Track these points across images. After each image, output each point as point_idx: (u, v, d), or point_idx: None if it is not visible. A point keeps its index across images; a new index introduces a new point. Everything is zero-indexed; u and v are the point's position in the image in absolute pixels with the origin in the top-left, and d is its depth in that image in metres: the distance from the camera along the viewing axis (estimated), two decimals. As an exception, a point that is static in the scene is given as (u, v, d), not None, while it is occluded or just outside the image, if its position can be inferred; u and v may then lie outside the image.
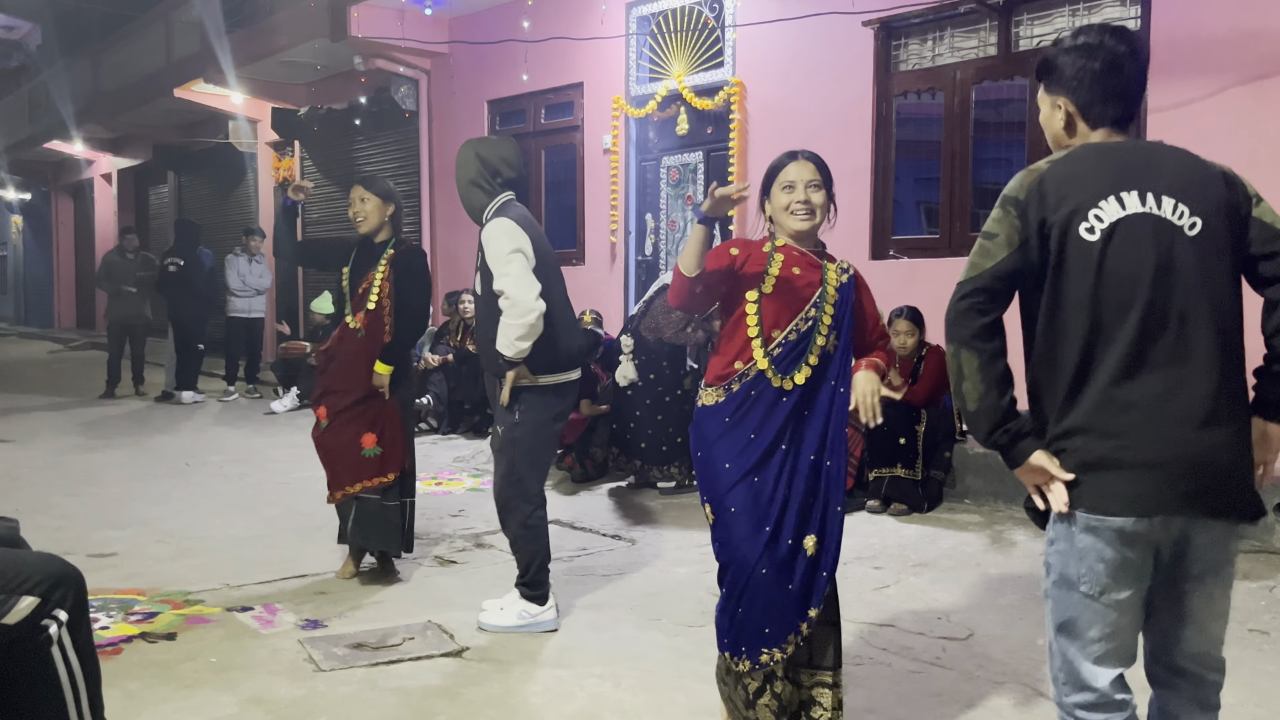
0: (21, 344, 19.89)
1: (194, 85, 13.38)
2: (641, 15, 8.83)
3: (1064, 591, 2.04)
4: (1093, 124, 2.12)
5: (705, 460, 2.85)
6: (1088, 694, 2.03)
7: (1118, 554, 1.97)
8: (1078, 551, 2.00)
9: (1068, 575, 2.03)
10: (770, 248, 2.91)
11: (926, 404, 5.87)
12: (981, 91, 6.97)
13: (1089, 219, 1.98)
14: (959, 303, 2.06)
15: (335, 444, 4.47)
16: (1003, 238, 2.03)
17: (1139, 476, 1.94)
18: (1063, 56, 2.13)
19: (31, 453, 7.81)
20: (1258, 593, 4.30)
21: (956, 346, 2.05)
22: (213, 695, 3.28)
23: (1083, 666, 2.03)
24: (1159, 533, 1.97)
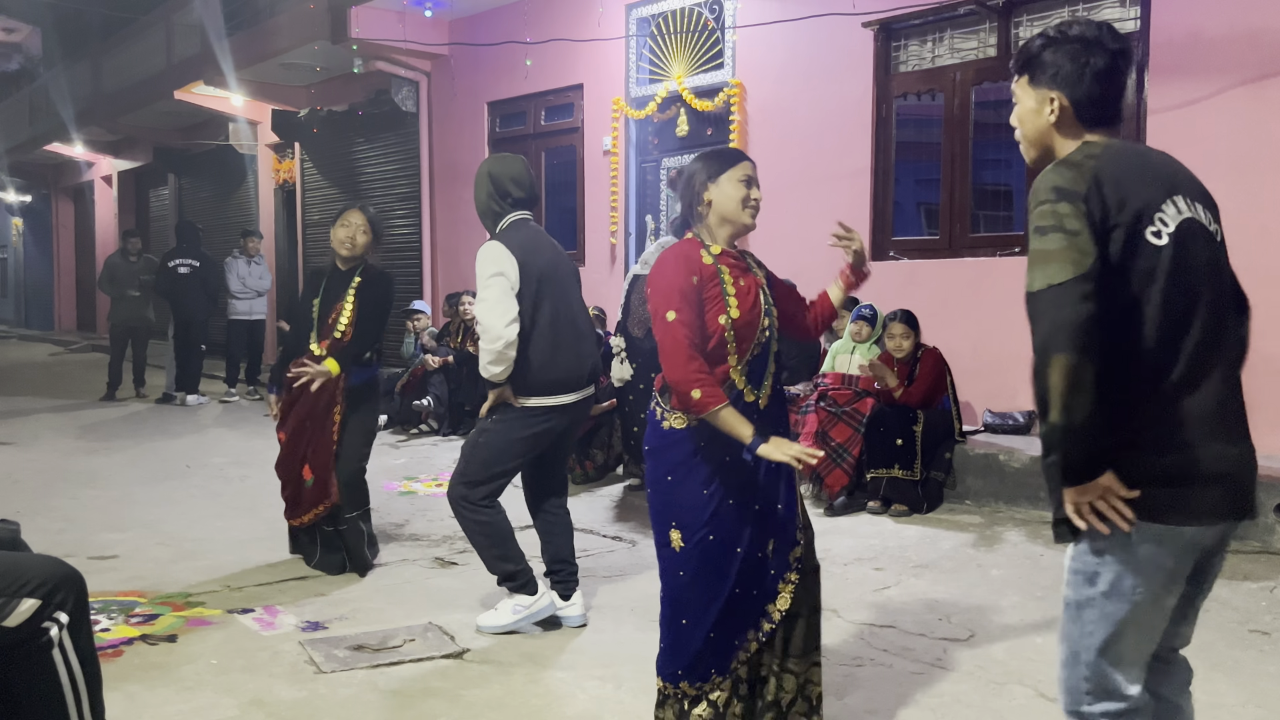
0: (22, 346, 19.89)
1: (194, 87, 13.40)
2: (641, 17, 8.83)
3: (1115, 603, 1.96)
4: (1089, 124, 2.03)
5: (674, 486, 2.73)
6: (1118, 703, 1.99)
7: (1177, 562, 1.95)
8: (1137, 561, 1.93)
9: (1121, 586, 1.95)
10: (710, 259, 2.79)
11: (923, 405, 5.87)
12: (981, 92, 6.97)
13: (1155, 222, 1.89)
14: (1079, 303, 1.80)
15: (286, 469, 4.69)
16: (1086, 233, 1.84)
17: (1206, 488, 1.92)
18: (1054, 50, 2.03)
19: (32, 455, 7.81)
20: (1258, 593, 4.30)
21: (1080, 357, 1.79)
22: (213, 697, 3.29)
23: (1117, 675, 1.99)
24: (1211, 537, 1.99)
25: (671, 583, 2.76)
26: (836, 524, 5.64)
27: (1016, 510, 5.73)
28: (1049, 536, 5.23)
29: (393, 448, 8.23)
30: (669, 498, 2.75)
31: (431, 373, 8.84)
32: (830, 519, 5.74)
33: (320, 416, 4.54)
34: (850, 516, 5.77)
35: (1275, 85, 5.60)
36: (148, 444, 8.36)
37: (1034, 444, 6.08)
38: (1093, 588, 1.98)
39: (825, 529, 5.53)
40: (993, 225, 7.90)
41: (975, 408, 6.70)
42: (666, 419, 2.76)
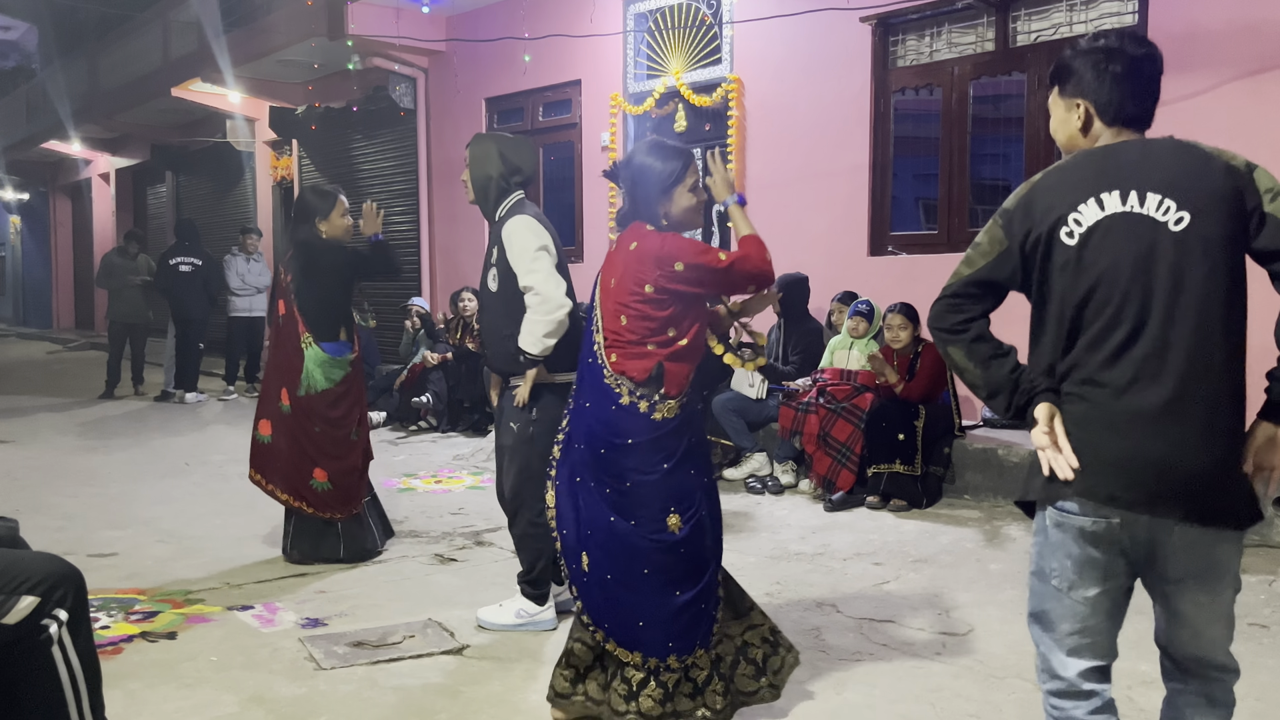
0: (20, 345, 19.88)
1: (191, 84, 13.37)
2: (639, 12, 8.82)
3: (1038, 583, 2.10)
4: (1109, 121, 2.12)
5: (670, 473, 2.84)
6: (1058, 682, 2.08)
7: (1082, 552, 2.01)
8: (1050, 546, 2.05)
9: (1042, 568, 2.09)
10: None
11: (924, 400, 5.88)
12: (979, 87, 6.97)
13: (1069, 224, 2.02)
14: (935, 305, 2.19)
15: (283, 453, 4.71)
16: (984, 247, 2.13)
17: (1100, 476, 1.96)
18: (1080, 59, 2.13)
19: (31, 453, 7.81)
20: (1257, 587, 4.31)
21: (943, 345, 2.17)
22: (213, 694, 3.29)
23: (1054, 656, 2.08)
24: (1120, 533, 1.97)
25: (669, 563, 2.85)
26: (836, 519, 5.64)
27: (1016, 506, 5.73)
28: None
29: (392, 445, 8.24)
30: (667, 484, 2.84)
31: (430, 369, 8.84)
32: (830, 514, 5.75)
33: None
34: (849, 511, 5.77)
35: (1273, 79, 5.60)
36: (147, 442, 8.36)
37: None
38: (1030, 569, 2.15)
39: (825, 524, 5.54)
40: (991, 220, 7.91)
41: (974, 402, 6.71)
42: (658, 410, 2.84)
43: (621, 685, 2.88)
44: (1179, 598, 2.03)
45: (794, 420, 6.28)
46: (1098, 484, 1.96)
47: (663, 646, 2.84)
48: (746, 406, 6.63)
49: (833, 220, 7.53)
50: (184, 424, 9.37)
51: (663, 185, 2.91)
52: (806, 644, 3.70)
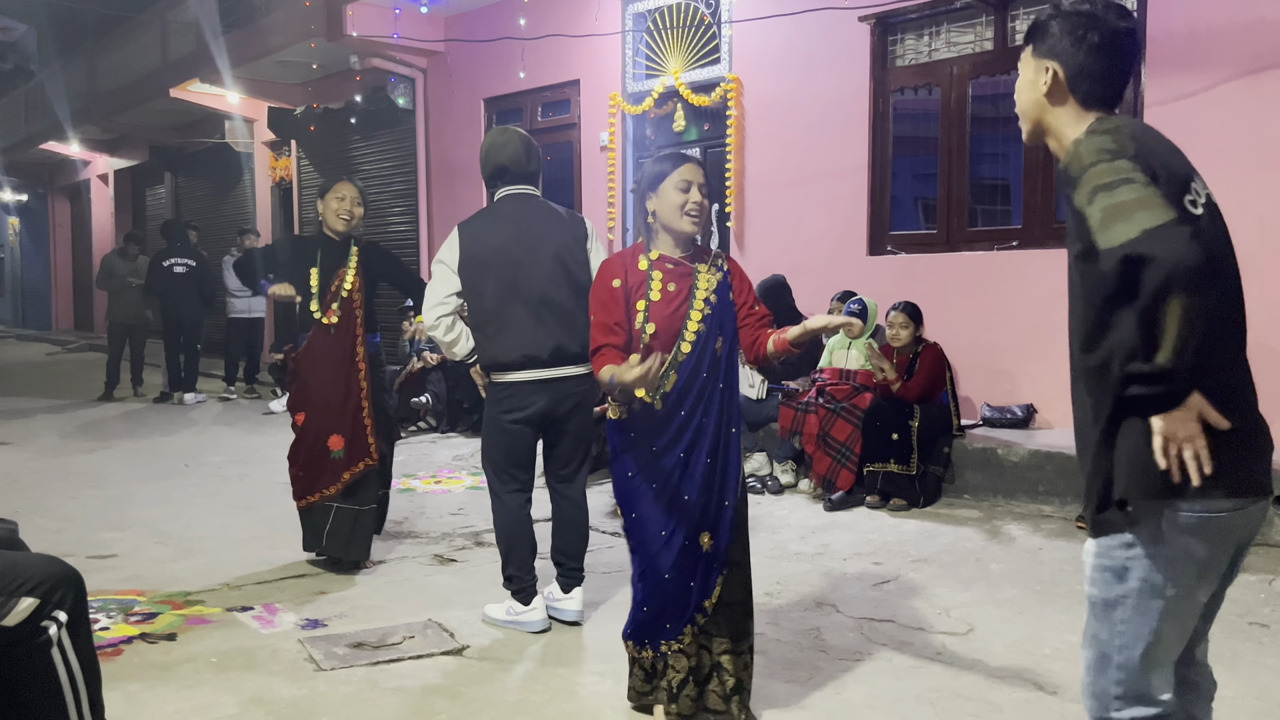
0: (19, 346, 19.87)
1: (190, 85, 13.38)
2: (638, 12, 8.82)
3: (1150, 600, 1.87)
4: (1082, 100, 1.97)
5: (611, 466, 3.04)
6: (1151, 708, 1.91)
7: (1209, 552, 1.86)
8: (1170, 553, 1.85)
9: (1152, 582, 1.86)
10: (646, 264, 2.97)
11: (921, 399, 5.87)
12: (978, 86, 6.97)
13: (1192, 191, 1.84)
14: (1191, 240, 1.65)
15: (304, 447, 4.61)
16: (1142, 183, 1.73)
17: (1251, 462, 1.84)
18: (1059, 20, 1.99)
19: (30, 454, 7.80)
20: (1257, 586, 4.31)
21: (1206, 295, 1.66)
22: (213, 696, 3.28)
23: (1151, 679, 1.90)
24: (1244, 525, 1.89)
25: (631, 553, 3.03)
26: (835, 519, 5.64)
27: (1015, 504, 5.73)
28: (1048, 530, 5.24)
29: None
30: (614, 478, 3.05)
31: (429, 370, 8.83)
32: (829, 514, 5.75)
33: (348, 382, 4.57)
34: (849, 511, 5.77)
35: (1273, 78, 5.60)
36: (146, 443, 8.35)
37: (1033, 438, 6.09)
38: (1123, 584, 1.89)
39: (824, 524, 5.54)
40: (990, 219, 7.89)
41: (974, 402, 6.71)
42: (609, 409, 3.01)
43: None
44: (1225, 589, 1.99)
45: (793, 420, 6.28)
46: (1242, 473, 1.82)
47: (625, 630, 3.06)
48: (746, 406, 6.63)
49: (832, 220, 7.53)
50: (183, 425, 9.37)
51: (652, 180, 2.97)
52: (806, 644, 3.70)
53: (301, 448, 4.64)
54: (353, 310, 4.56)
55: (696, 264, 2.99)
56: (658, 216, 2.96)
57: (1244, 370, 1.92)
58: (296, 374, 4.66)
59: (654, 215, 2.96)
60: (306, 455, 4.62)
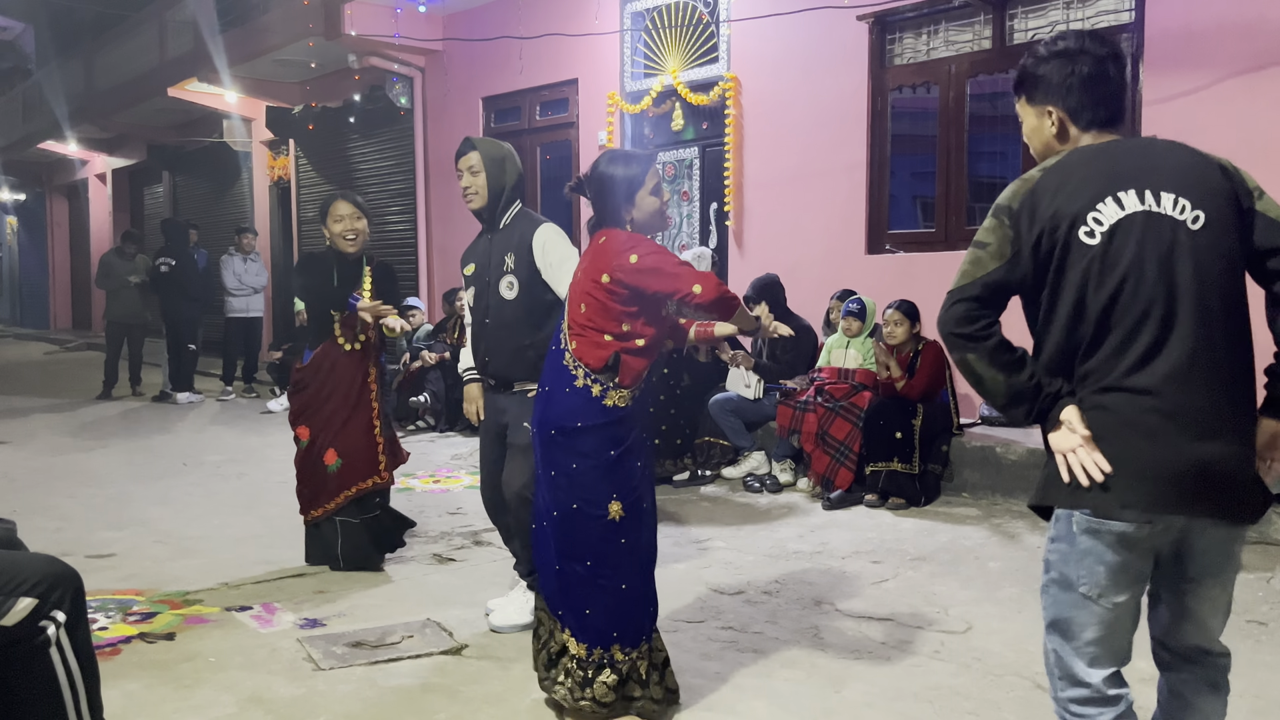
0: (17, 345, 19.85)
1: (188, 84, 13.35)
2: (636, 11, 8.82)
3: (1061, 591, 2.04)
4: (1084, 127, 2.11)
5: (617, 460, 2.93)
6: (1081, 689, 2.03)
7: (1118, 557, 1.96)
8: (1078, 553, 1.99)
9: (1066, 576, 2.02)
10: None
11: (923, 398, 5.88)
12: (976, 85, 6.97)
13: (1088, 223, 1.96)
14: (951, 309, 2.05)
15: (308, 462, 4.62)
16: (994, 247, 2.03)
17: (1140, 480, 1.91)
18: (1044, 66, 2.12)
19: (28, 454, 7.80)
20: (1255, 584, 4.31)
21: (961, 353, 2.05)
22: (212, 695, 3.28)
23: (1076, 662, 2.03)
24: (1158, 537, 1.96)
25: (613, 553, 2.95)
26: (834, 517, 5.64)
27: (1014, 503, 5.74)
28: (1046, 529, 5.24)
29: (390, 444, 8.22)
30: (612, 471, 2.92)
31: (428, 369, 8.83)
32: (828, 512, 5.75)
33: (360, 401, 4.58)
34: (848, 510, 5.77)
35: (1270, 77, 5.60)
36: (144, 442, 8.35)
37: (1031, 436, 6.09)
38: (1045, 574, 2.09)
39: (823, 522, 5.54)
40: (988, 218, 7.91)
41: (973, 400, 6.71)
42: (609, 397, 2.93)
43: (578, 672, 2.98)
44: (1193, 594, 2.04)
45: (792, 419, 6.28)
46: (1139, 490, 1.91)
47: (607, 637, 2.96)
48: (743, 406, 6.63)
49: (830, 218, 7.53)
50: (182, 425, 9.36)
51: (626, 192, 3.01)
52: (805, 642, 3.71)
53: (305, 462, 4.64)
54: (369, 333, 4.56)
55: None
56: (636, 223, 3.05)
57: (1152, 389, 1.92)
58: (302, 386, 4.61)
59: (632, 220, 3.05)
60: (309, 470, 4.63)
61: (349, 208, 4.57)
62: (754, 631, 3.82)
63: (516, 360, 3.71)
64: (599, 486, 2.92)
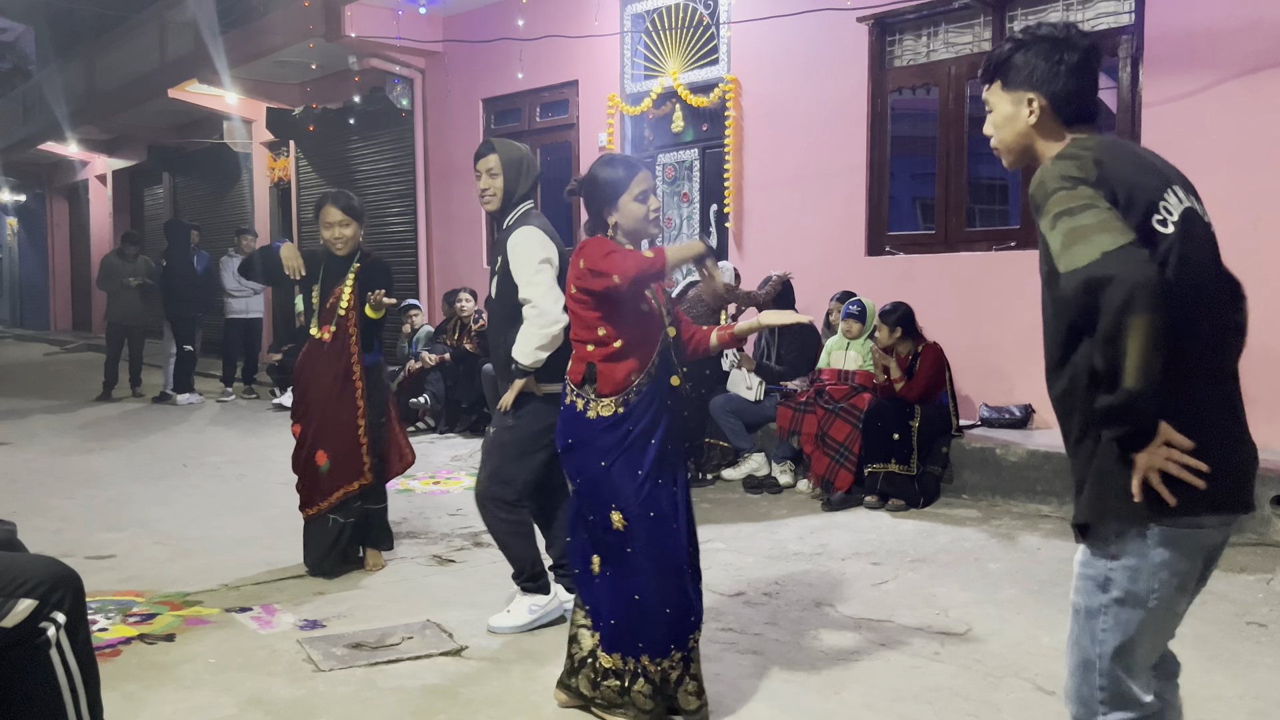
0: (17, 346, 19.86)
1: (188, 86, 13.37)
2: (636, 13, 8.83)
3: (1129, 609, 1.91)
4: (1067, 120, 2.01)
5: (608, 470, 2.91)
6: (1133, 712, 1.95)
7: (1191, 565, 1.91)
8: (1153, 566, 1.88)
9: (1136, 592, 1.90)
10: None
11: (922, 399, 5.88)
12: (976, 86, 6.92)
13: (1160, 210, 1.86)
14: (1148, 265, 1.72)
15: (302, 460, 4.64)
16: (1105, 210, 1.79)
17: (1219, 483, 1.83)
18: (1025, 51, 2.01)
19: (28, 455, 7.80)
20: (1255, 585, 4.31)
21: (1160, 315, 1.69)
22: (212, 696, 3.28)
23: (1132, 684, 1.95)
24: (1218, 536, 1.94)
25: (621, 563, 2.94)
26: (834, 519, 5.64)
27: (1013, 504, 5.74)
28: (1045, 530, 5.24)
29: (390, 445, 8.22)
30: (605, 482, 2.92)
31: (428, 370, 8.83)
32: (828, 514, 5.75)
33: (341, 399, 4.57)
34: (848, 511, 5.77)
35: (1271, 77, 5.60)
36: (144, 443, 8.35)
37: (1032, 438, 6.09)
38: (1105, 594, 1.93)
39: (823, 524, 5.54)
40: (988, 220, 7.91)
41: (973, 402, 6.71)
42: (592, 408, 2.94)
43: (613, 681, 2.98)
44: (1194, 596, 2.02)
45: (792, 420, 6.28)
46: (1225, 489, 1.85)
47: (631, 646, 2.95)
48: (744, 408, 6.64)
49: (830, 220, 7.54)
50: (182, 426, 9.36)
51: (609, 195, 3.01)
52: (805, 644, 3.71)
53: (299, 459, 4.67)
54: (347, 328, 4.53)
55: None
56: (620, 227, 3.02)
57: (1227, 383, 1.93)
58: (294, 382, 4.71)
59: (615, 226, 3.02)
60: (302, 467, 4.66)
61: (338, 214, 4.55)
62: (753, 633, 3.82)
63: (498, 358, 3.83)
64: (597, 498, 2.95)
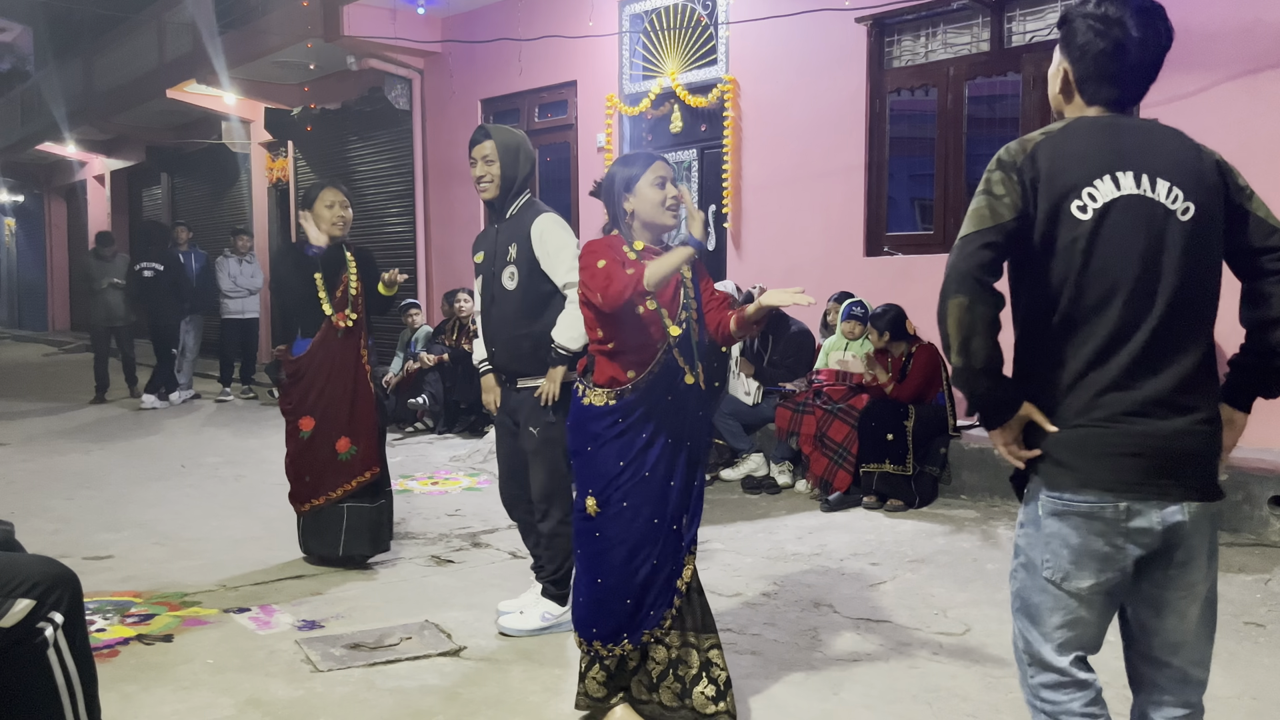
0: (15, 347, 19.84)
1: (186, 86, 13.36)
2: (634, 13, 8.83)
3: (1026, 575, 2.04)
4: (1087, 100, 2.06)
5: (592, 456, 2.98)
6: (1050, 674, 2.02)
7: (1082, 540, 1.95)
8: (1043, 535, 1.99)
9: (1032, 559, 2.03)
10: (635, 255, 2.97)
11: (915, 400, 5.88)
12: (974, 87, 6.98)
13: (1081, 197, 1.92)
14: (976, 252, 1.94)
15: (313, 452, 4.62)
16: (1010, 200, 1.94)
17: (1111, 460, 1.92)
18: (1079, 20, 2.04)
19: (26, 455, 7.79)
20: (1253, 585, 4.32)
21: (970, 298, 1.93)
22: (210, 697, 3.28)
23: (1044, 646, 2.02)
24: (1127, 519, 1.93)
25: (589, 545, 3.00)
26: (832, 519, 5.64)
27: (1011, 504, 5.74)
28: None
29: (388, 446, 8.19)
30: (587, 467, 2.99)
31: (426, 371, 8.83)
32: (826, 514, 5.75)
33: (358, 384, 4.65)
34: (846, 512, 5.78)
35: (1269, 79, 5.61)
36: (142, 444, 8.35)
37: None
38: (1015, 559, 2.09)
39: (821, 524, 5.54)
40: (987, 220, 7.91)
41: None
42: (587, 395, 2.99)
43: (581, 662, 3.08)
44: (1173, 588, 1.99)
45: (790, 421, 6.28)
46: (1104, 467, 1.92)
47: (587, 629, 3.00)
48: (742, 409, 6.65)
49: (828, 221, 7.54)
50: (179, 426, 9.36)
51: (624, 185, 3.02)
52: (803, 644, 3.71)
53: (308, 453, 4.64)
54: (360, 313, 4.66)
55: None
56: (637, 214, 3.01)
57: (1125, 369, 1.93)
58: (299, 377, 4.63)
59: (632, 214, 3.01)
60: (313, 460, 4.63)
61: (339, 194, 4.62)
62: (752, 634, 3.82)
63: (515, 351, 3.75)
64: (580, 479, 3.03)
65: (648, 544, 2.95)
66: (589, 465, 2.98)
